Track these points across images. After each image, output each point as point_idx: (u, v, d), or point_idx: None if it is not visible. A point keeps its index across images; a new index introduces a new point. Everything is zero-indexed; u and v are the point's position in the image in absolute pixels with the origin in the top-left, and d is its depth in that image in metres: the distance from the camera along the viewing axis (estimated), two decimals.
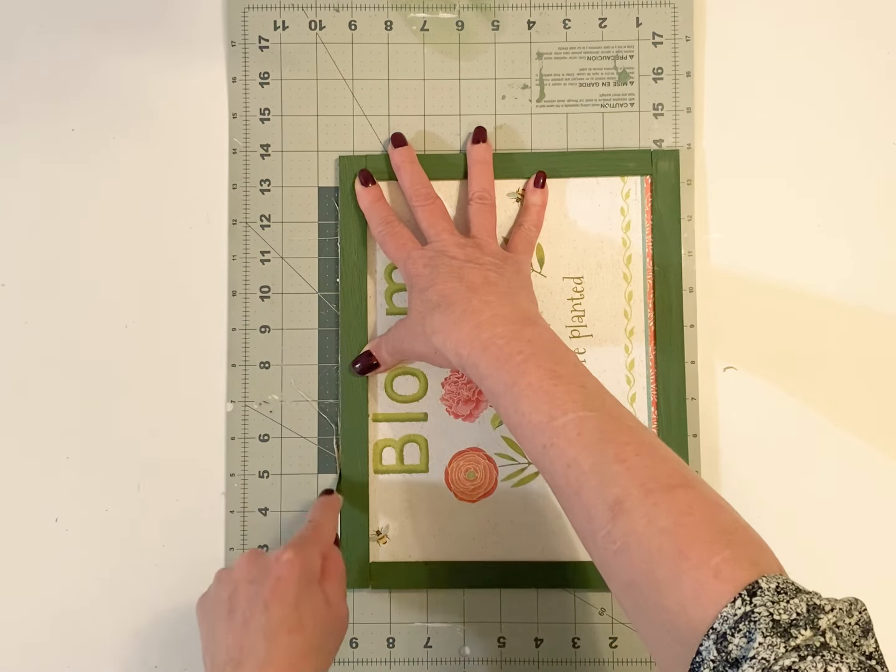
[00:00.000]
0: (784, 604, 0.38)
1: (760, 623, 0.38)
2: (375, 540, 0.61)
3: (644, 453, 0.45)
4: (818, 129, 0.63)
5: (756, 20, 0.63)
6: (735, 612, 0.38)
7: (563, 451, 0.46)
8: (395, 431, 0.62)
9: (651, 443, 0.46)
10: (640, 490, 0.43)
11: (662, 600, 0.41)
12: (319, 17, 0.63)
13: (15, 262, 0.63)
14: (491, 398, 0.51)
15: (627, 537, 0.42)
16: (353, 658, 0.62)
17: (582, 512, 0.45)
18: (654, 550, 0.41)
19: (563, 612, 0.61)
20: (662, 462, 0.45)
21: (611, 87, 0.63)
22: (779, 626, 0.38)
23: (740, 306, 0.62)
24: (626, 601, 0.44)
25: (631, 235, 0.62)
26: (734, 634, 0.38)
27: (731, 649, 0.38)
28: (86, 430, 0.62)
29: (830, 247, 0.63)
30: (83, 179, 0.63)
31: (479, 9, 0.63)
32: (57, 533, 0.62)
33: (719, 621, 0.38)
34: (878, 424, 0.62)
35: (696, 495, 0.43)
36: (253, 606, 0.49)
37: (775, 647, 0.37)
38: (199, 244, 0.63)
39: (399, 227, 0.59)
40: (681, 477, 0.44)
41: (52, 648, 0.62)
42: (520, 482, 0.62)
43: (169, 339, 0.62)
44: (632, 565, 0.42)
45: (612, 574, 0.44)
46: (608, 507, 0.43)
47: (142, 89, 0.63)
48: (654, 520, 0.42)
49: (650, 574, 0.41)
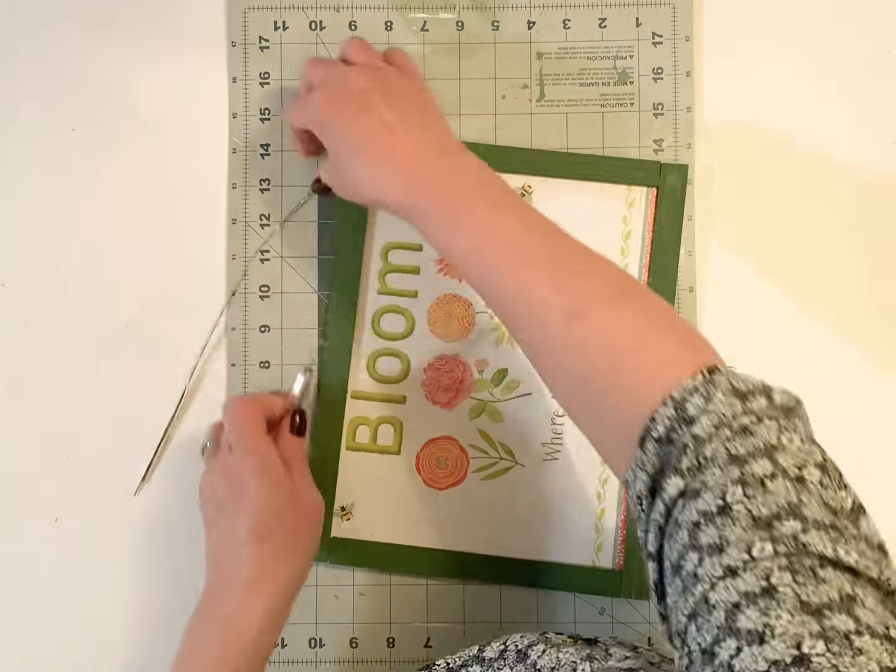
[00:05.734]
0: (741, 379, 0.40)
1: (720, 386, 0.39)
2: (339, 515, 0.61)
3: (595, 266, 0.47)
4: (818, 129, 0.63)
5: (756, 20, 0.63)
6: (694, 383, 0.39)
7: (512, 272, 0.46)
8: (372, 410, 0.62)
9: (599, 256, 0.47)
10: (598, 297, 0.45)
11: (620, 393, 0.42)
12: (320, 18, 0.63)
13: (15, 262, 0.63)
14: (433, 241, 0.50)
15: (586, 341, 0.44)
16: (353, 658, 0.61)
17: (534, 325, 0.46)
18: (613, 349, 0.43)
19: (563, 612, 0.61)
20: (613, 272, 0.47)
21: (611, 86, 0.63)
22: (737, 392, 0.39)
23: (740, 306, 0.62)
24: (577, 398, 0.45)
25: (630, 245, 0.62)
26: (693, 397, 0.39)
27: (688, 409, 0.39)
28: (86, 430, 0.62)
29: (830, 247, 0.63)
30: (83, 179, 0.63)
31: (479, 9, 0.63)
32: (57, 533, 0.62)
33: (678, 390, 0.39)
34: (880, 422, 0.62)
35: (652, 300, 0.46)
36: (222, 522, 0.52)
37: (734, 405, 0.38)
38: (198, 243, 0.63)
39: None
40: (632, 286, 0.47)
41: (52, 648, 0.62)
42: (490, 475, 0.62)
43: (169, 338, 0.62)
44: (587, 366, 0.44)
45: (565, 374, 0.45)
46: (564, 314, 0.44)
47: (142, 89, 0.63)
48: (612, 321, 0.44)
49: (608, 371, 0.43)
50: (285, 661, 0.62)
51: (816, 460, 0.37)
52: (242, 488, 0.51)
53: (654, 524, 0.39)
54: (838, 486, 0.37)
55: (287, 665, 0.62)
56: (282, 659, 0.62)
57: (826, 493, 0.36)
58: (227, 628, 0.49)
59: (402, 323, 0.62)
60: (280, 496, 0.51)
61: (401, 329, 0.62)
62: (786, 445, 0.37)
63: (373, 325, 0.62)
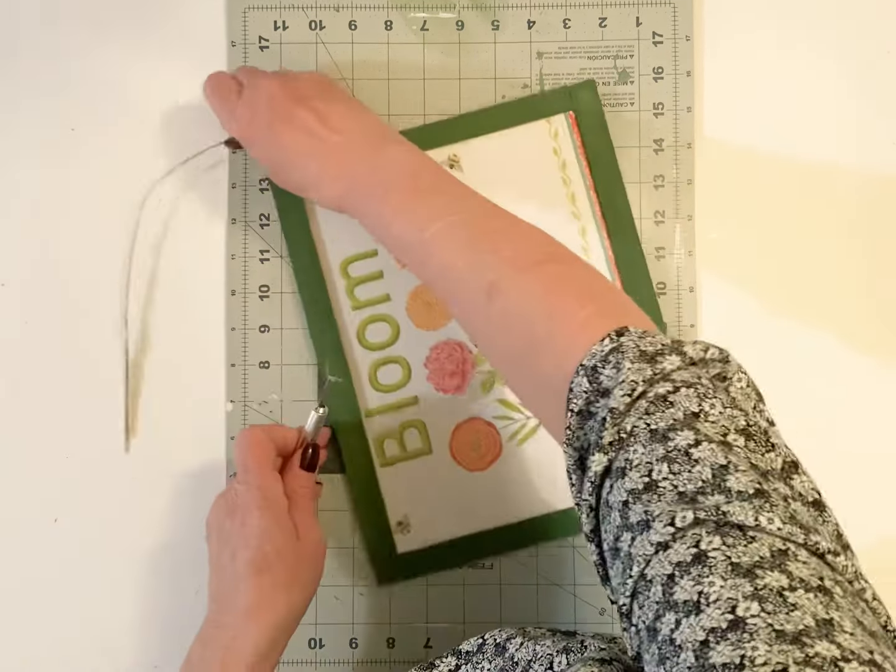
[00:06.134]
0: (650, 338, 0.39)
1: (628, 353, 0.38)
2: (399, 531, 0.61)
3: (514, 237, 0.47)
4: (818, 129, 0.63)
5: (756, 20, 0.63)
6: (602, 348, 0.39)
7: (439, 257, 0.48)
8: (392, 421, 0.62)
9: (521, 226, 0.48)
10: (512, 269, 0.45)
11: (540, 362, 0.42)
12: (319, 17, 0.63)
13: (15, 262, 0.63)
14: (378, 239, 0.52)
15: (505, 314, 0.44)
16: (353, 658, 0.61)
17: (462, 308, 0.47)
18: (528, 319, 0.43)
19: (563, 612, 0.61)
20: (531, 241, 0.47)
21: (611, 86, 0.63)
22: (646, 355, 0.38)
23: (740, 305, 0.62)
24: (510, 373, 0.46)
25: (569, 173, 0.62)
26: (604, 367, 0.39)
27: (601, 380, 0.39)
28: (86, 430, 0.62)
29: (830, 246, 0.63)
30: (83, 179, 0.63)
31: (479, 9, 0.63)
32: (57, 533, 0.62)
33: (588, 357, 0.39)
34: (880, 423, 0.62)
35: (565, 267, 0.46)
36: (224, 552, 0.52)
37: (642, 370, 0.38)
38: (197, 243, 0.63)
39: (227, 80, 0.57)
40: (550, 253, 0.46)
41: (52, 648, 0.62)
42: (523, 439, 0.62)
43: (168, 338, 0.62)
44: (510, 339, 0.44)
45: (494, 352, 0.46)
46: (484, 292, 0.45)
47: (142, 89, 0.63)
48: (525, 291, 0.44)
49: (528, 343, 0.43)
50: (285, 662, 0.61)
51: (738, 425, 0.36)
52: (244, 520, 0.51)
53: (585, 505, 0.38)
54: (765, 447, 0.36)
55: (287, 665, 0.61)
56: (281, 659, 0.61)
57: (753, 456, 0.36)
58: (228, 652, 0.49)
59: (387, 329, 0.62)
60: (281, 531, 0.51)
61: (387, 335, 0.62)
62: (707, 412, 0.36)
63: (360, 341, 0.62)
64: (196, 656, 0.51)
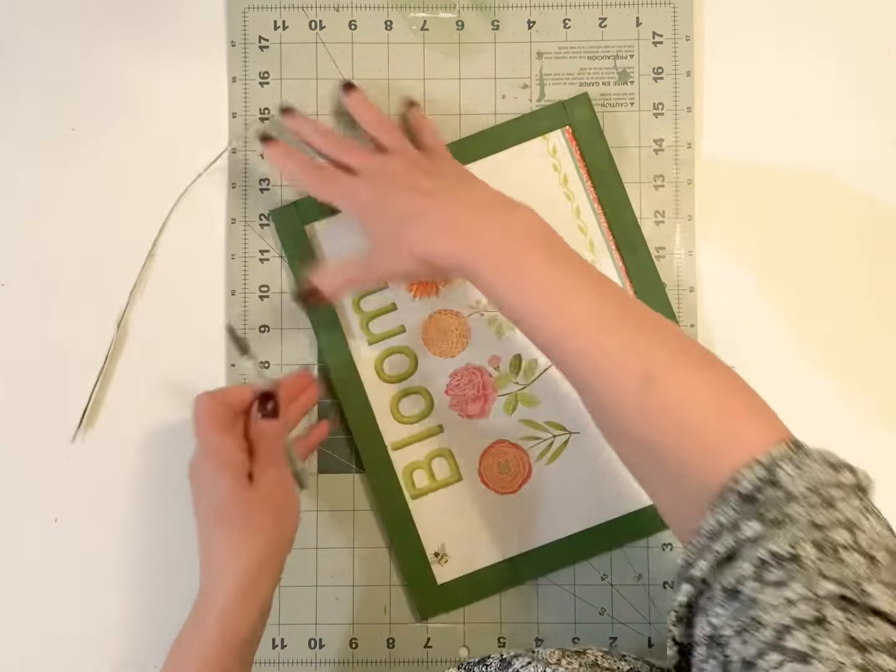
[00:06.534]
0: (829, 453, 0.41)
1: (813, 454, 0.40)
2: (436, 562, 0.61)
3: (667, 333, 0.47)
4: (818, 129, 0.63)
5: (756, 20, 0.63)
6: (785, 450, 0.40)
7: (583, 335, 0.47)
8: (418, 452, 0.62)
9: (669, 324, 0.48)
10: (672, 363, 0.45)
11: (697, 452, 0.43)
12: (319, 17, 0.63)
13: (15, 262, 0.63)
14: (492, 296, 0.50)
15: (662, 403, 0.44)
16: (353, 658, 0.61)
17: (606, 388, 0.46)
18: (691, 413, 0.43)
19: (563, 612, 0.61)
20: (687, 340, 0.47)
21: (611, 86, 0.63)
22: (830, 462, 0.40)
23: (740, 306, 0.62)
24: (648, 460, 0.46)
25: (571, 188, 0.62)
26: (784, 461, 0.40)
27: (778, 472, 0.40)
28: (85, 431, 0.62)
29: (831, 246, 0.63)
30: (83, 179, 0.63)
31: (479, 9, 0.63)
32: (57, 533, 0.62)
33: (766, 455, 0.40)
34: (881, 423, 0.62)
35: (725, 370, 0.46)
36: (195, 506, 0.54)
37: (828, 473, 0.40)
38: (197, 243, 0.63)
39: (320, 164, 0.57)
40: (707, 354, 0.47)
41: (52, 648, 0.62)
42: (552, 457, 0.62)
43: (168, 338, 0.62)
44: (664, 427, 0.44)
45: (637, 436, 0.45)
46: (639, 378, 0.45)
47: (142, 89, 0.63)
48: (690, 387, 0.44)
49: (686, 432, 0.43)
50: (285, 662, 0.62)
51: (889, 545, 0.38)
52: (202, 479, 0.53)
53: (711, 553, 0.40)
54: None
55: (287, 665, 0.62)
56: (282, 659, 0.62)
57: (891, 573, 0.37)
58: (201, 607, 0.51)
59: (405, 361, 0.62)
60: (233, 481, 0.52)
61: (406, 367, 0.62)
62: (864, 527, 0.38)
63: (379, 375, 0.62)
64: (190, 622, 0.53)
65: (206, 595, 0.51)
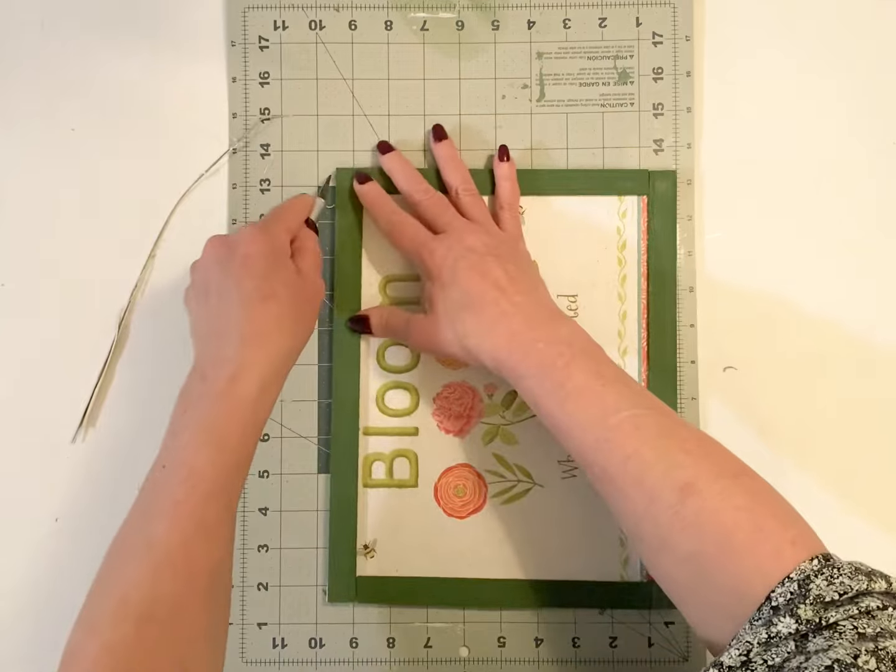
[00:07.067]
0: (861, 563, 0.43)
1: (844, 569, 0.41)
2: (363, 554, 0.61)
3: (705, 445, 0.49)
4: (818, 129, 0.63)
5: (756, 20, 0.63)
6: (813, 566, 0.42)
7: (622, 444, 0.48)
8: (386, 445, 0.62)
9: (707, 437, 0.50)
10: (710, 474, 0.46)
11: (734, 565, 0.44)
12: (319, 17, 0.63)
13: (15, 262, 0.63)
14: (529, 399, 0.52)
15: (699, 514, 0.45)
16: (353, 658, 0.61)
17: (642, 497, 0.47)
18: (728, 524, 0.45)
19: (563, 612, 0.61)
20: (723, 453, 0.49)
21: (611, 86, 0.63)
22: (863, 571, 0.42)
23: (740, 306, 0.62)
24: (685, 571, 0.46)
25: (626, 255, 0.62)
26: (816, 577, 0.41)
27: (811, 587, 0.41)
28: (86, 431, 0.62)
29: (831, 247, 0.63)
30: (83, 179, 0.63)
31: (479, 9, 0.63)
32: (57, 533, 0.62)
33: (797, 572, 0.42)
34: (881, 424, 0.62)
35: (760, 482, 0.47)
36: (225, 284, 0.51)
37: (861, 581, 0.41)
38: (198, 244, 0.62)
39: (407, 216, 0.59)
40: (743, 466, 0.48)
41: (51, 648, 0.62)
42: (510, 499, 0.61)
43: (169, 339, 0.62)
44: (701, 538, 0.45)
45: (674, 547, 0.46)
46: (677, 489, 0.46)
47: (142, 89, 0.63)
48: (727, 498, 0.45)
49: (723, 544, 0.44)
50: (285, 661, 0.62)
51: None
52: (248, 256, 0.52)
53: (744, 643, 0.41)
54: None
55: (287, 665, 0.62)
56: (282, 659, 0.62)
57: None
58: (232, 383, 0.49)
59: (408, 355, 0.62)
60: (285, 268, 0.53)
61: (407, 361, 0.62)
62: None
63: (378, 359, 0.62)
64: (195, 394, 0.50)
65: (229, 371, 0.49)
